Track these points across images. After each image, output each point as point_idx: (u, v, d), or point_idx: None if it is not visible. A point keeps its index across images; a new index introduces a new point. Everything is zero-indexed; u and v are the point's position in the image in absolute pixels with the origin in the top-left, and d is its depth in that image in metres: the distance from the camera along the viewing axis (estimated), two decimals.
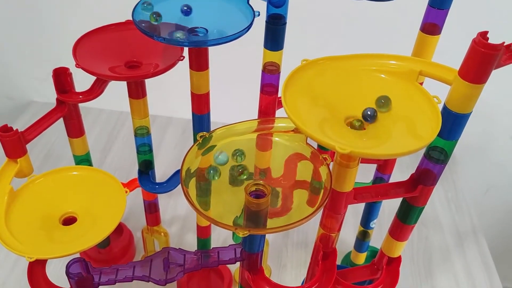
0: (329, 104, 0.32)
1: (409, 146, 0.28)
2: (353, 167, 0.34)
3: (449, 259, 0.69)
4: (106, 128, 0.89)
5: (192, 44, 0.40)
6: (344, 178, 0.35)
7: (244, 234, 0.29)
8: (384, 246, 0.44)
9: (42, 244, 0.40)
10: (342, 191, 0.36)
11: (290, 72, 0.33)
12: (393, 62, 0.34)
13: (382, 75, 0.34)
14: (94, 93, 0.47)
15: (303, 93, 0.32)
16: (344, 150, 0.27)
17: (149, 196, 0.57)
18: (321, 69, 0.34)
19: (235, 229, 0.30)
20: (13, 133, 0.42)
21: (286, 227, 0.30)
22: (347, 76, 0.34)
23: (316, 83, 0.33)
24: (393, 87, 0.33)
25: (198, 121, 0.47)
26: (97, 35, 0.48)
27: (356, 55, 0.34)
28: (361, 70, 0.34)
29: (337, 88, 0.33)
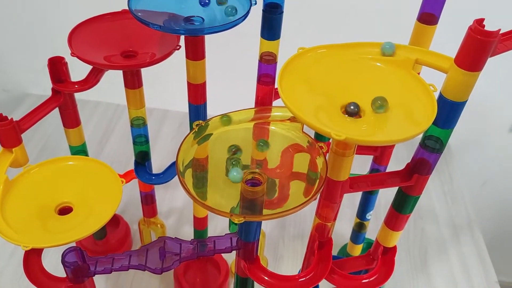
0: (325, 92, 0.32)
1: (405, 133, 0.28)
2: (349, 155, 0.34)
3: (444, 252, 0.69)
4: (102, 121, 0.89)
5: (188, 32, 0.39)
6: (340, 167, 0.35)
7: (239, 221, 0.29)
8: (379, 236, 0.44)
9: (37, 234, 0.40)
10: (337, 179, 0.36)
11: (286, 60, 0.33)
12: None
13: (378, 64, 0.34)
14: (90, 83, 0.47)
15: (300, 81, 0.32)
16: (340, 136, 0.27)
17: (146, 187, 0.57)
18: (317, 57, 0.34)
19: (230, 215, 0.30)
20: (8, 122, 0.42)
21: (281, 213, 0.30)
22: (343, 65, 0.34)
23: (312, 71, 0.33)
24: (389, 75, 0.33)
25: (195, 111, 0.47)
26: (93, 24, 0.47)
27: (352, 44, 0.34)
28: (357, 58, 0.34)
29: (333, 76, 0.33)
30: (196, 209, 0.57)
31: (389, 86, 0.32)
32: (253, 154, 0.40)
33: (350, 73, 0.33)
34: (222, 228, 0.71)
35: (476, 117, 0.83)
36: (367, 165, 0.56)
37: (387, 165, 0.54)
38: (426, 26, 0.41)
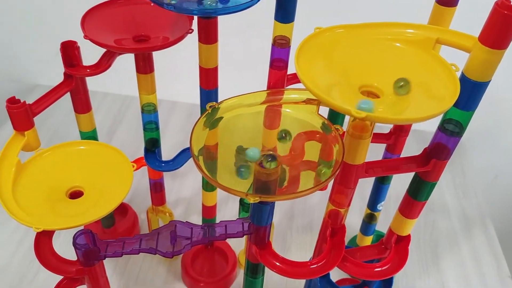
0: (343, 72, 0.32)
1: (428, 111, 0.27)
2: (366, 138, 0.33)
3: (456, 245, 0.68)
4: (111, 112, 0.88)
5: (201, 12, 0.39)
6: (356, 150, 0.34)
7: (255, 200, 0.29)
8: (393, 224, 0.43)
9: (48, 216, 0.40)
10: (353, 163, 0.35)
11: (304, 39, 0.32)
12: (409, 31, 0.33)
13: (398, 44, 0.33)
14: (102, 67, 0.46)
15: (317, 60, 0.32)
16: (360, 114, 0.26)
17: (155, 174, 0.57)
18: (335, 37, 0.33)
19: (246, 195, 0.29)
20: (21, 105, 0.42)
21: (297, 194, 0.29)
22: (362, 45, 0.33)
23: (330, 51, 0.32)
24: (409, 55, 0.32)
25: (206, 96, 0.47)
26: (105, 9, 0.47)
27: (371, 24, 0.33)
28: (376, 38, 0.33)
29: (351, 56, 0.32)
30: (205, 197, 0.57)
31: (408, 66, 0.32)
32: (264, 141, 0.40)
33: (368, 53, 0.33)
34: (230, 217, 0.70)
35: (489, 108, 0.81)
36: (379, 155, 0.55)
37: (400, 154, 0.53)
38: (445, 8, 0.40)
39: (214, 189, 0.55)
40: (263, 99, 0.39)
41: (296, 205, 0.73)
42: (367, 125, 0.33)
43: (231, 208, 0.72)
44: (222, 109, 0.38)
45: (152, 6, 0.48)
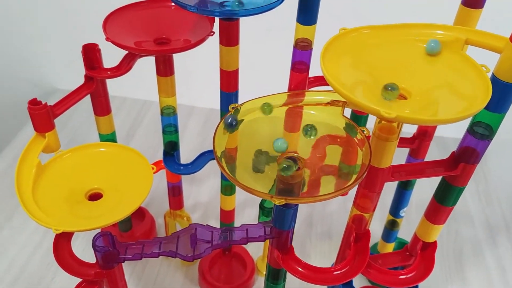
0: (369, 73, 0.31)
1: (458, 112, 0.26)
2: (393, 140, 0.32)
3: (480, 254, 0.67)
4: (130, 115, 0.89)
5: (224, 13, 0.38)
6: (382, 153, 0.33)
7: (280, 202, 0.28)
8: (418, 230, 0.42)
9: (68, 218, 0.40)
10: (379, 166, 0.34)
11: (329, 39, 0.31)
12: (438, 32, 0.32)
13: (422, 44, 0.32)
14: (123, 69, 0.46)
15: (342, 61, 0.31)
16: (390, 114, 0.25)
17: (173, 178, 0.57)
18: (361, 38, 0.32)
19: (270, 197, 0.28)
20: (42, 107, 0.42)
21: (322, 197, 0.28)
22: (389, 46, 0.32)
23: (356, 51, 0.32)
24: (437, 56, 0.31)
25: (226, 99, 0.46)
26: (127, 12, 0.47)
27: (398, 25, 0.32)
28: (403, 39, 0.32)
29: (378, 57, 0.32)
30: (224, 202, 0.56)
31: (437, 67, 0.31)
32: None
33: (395, 54, 0.32)
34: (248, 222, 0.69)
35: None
36: (402, 159, 0.54)
37: (424, 158, 0.52)
38: (471, 10, 0.39)
39: (232, 193, 0.55)
40: (285, 101, 0.38)
41: (315, 212, 0.72)
42: (394, 127, 0.32)
43: (249, 214, 0.71)
44: (243, 111, 0.38)
45: (173, 9, 0.48)
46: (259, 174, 0.35)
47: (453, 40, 0.31)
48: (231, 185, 0.54)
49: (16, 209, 0.68)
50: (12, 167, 0.75)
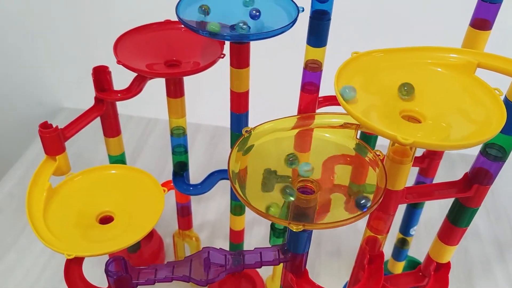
0: (383, 96, 0.31)
1: (476, 137, 0.27)
2: (407, 163, 0.33)
3: (490, 272, 0.66)
4: (135, 134, 0.89)
5: (235, 38, 0.39)
6: (396, 176, 0.33)
7: (298, 229, 0.28)
8: (432, 251, 0.42)
9: (79, 242, 0.40)
10: (393, 189, 0.34)
11: (342, 63, 0.32)
12: (450, 55, 0.32)
13: (438, 68, 0.32)
14: (133, 91, 0.46)
15: (356, 84, 0.31)
16: (407, 140, 0.26)
17: (182, 198, 0.56)
18: (374, 61, 0.33)
19: (288, 223, 0.28)
20: (53, 130, 0.42)
21: (342, 222, 0.28)
22: (401, 69, 0.32)
23: (369, 75, 0.32)
24: (450, 80, 0.32)
25: (236, 120, 0.46)
26: (136, 34, 0.48)
27: (410, 48, 0.33)
28: (416, 63, 0.33)
29: (391, 80, 0.32)
30: (233, 222, 0.56)
31: (450, 90, 0.31)
32: None
33: (408, 77, 0.32)
34: (256, 242, 0.69)
35: None
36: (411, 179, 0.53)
37: (433, 177, 0.51)
38: (479, 32, 0.39)
39: (242, 213, 0.55)
40: (297, 124, 0.38)
41: (323, 231, 0.71)
42: (408, 150, 0.32)
43: (257, 232, 0.71)
44: (254, 134, 0.38)
45: (183, 31, 0.48)
46: (269, 193, 0.35)
47: (465, 64, 0.32)
48: (240, 205, 0.54)
49: (23, 230, 0.68)
50: (18, 187, 0.75)
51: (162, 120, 0.92)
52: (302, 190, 0.33)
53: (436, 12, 0.71)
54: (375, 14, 0.75)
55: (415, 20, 0.73)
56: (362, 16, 0.74)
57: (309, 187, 0.33)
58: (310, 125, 0.38)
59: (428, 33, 0.70)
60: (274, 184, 0.37)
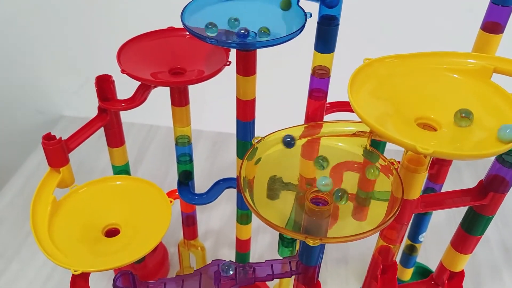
0: (397, 103, 0.30)
1: (496, 146, 0.26)
2: (422, 172, 0.32)
3: (499, 278, 0.65)
4: (136, 142, 0.88)
5: (242, 45, 0.38)
6: (411, 185, 0.32)
7: (315, 243, 0.27)
8: (445, 259, 0.41)
9: (85, 257, 0.39)
10: (408, 198, 0.33)
11: (354, 71, 0.31)
12: (465, 60, 0.32)
13: (453, 74, 0.31)
14: (137, 101, 0.46)
15: (370, 92, 0.30)
16: (427, 150, 0.25)
17: (188, 208, 0.55)
18: (387, 67, 0.32)
19: (305, 237, 0.27)
20: (57, 142, 0.41)
21: (360, 235, 0.27)
22: (415, 75, 0.32)
23: (382, 81, 0.31)
24: (466, 85, 0.31)
25: (243, 128, 0.46)
26: (139, 42, 0.47)
27: (424, 53, 0.32)
28: (430, 68, 0.32)
29: (405, 87, 0.31)
30: (239, 231, 0.55)
31: (466, 97, 0.30)
32: (302, 171, 0.38)
33: (423, 83, 0.31)
34: (261, 250, 0.68)
35: None
36: None
37: (443, 183, 0.51)
38: (490, 35, 0.39)
39: (249, 222, 0.54)
40: (308, 132, 0.38)
41: None
42: (423, 158, 0.32)
43: (262, 239, 0.70)
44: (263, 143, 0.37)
45: (187, 38, 0.48)
46: (277, 203, 0.34)
47: (481, 69, 0.31)
48: (247, 214, 0.53)
49: (25, 241, 0.67)
50: (19, 196, 0.74)
51: (164, 127, 0.91)
52: (315, 201, 0.33)
53: (445, 16, 0.71)
54: (383, 18, 0.74)
55: (424, 24, 0.73)
56: (369, 20, 0.74)
57: (322, 197, 0.32)
58: (321, 134, 0.38)
59: (437, 38, 0.70)
60: (280, 192, 0.36)
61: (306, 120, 0.47)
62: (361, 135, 0.35)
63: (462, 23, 0.55)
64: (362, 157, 0.37)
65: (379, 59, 0.32)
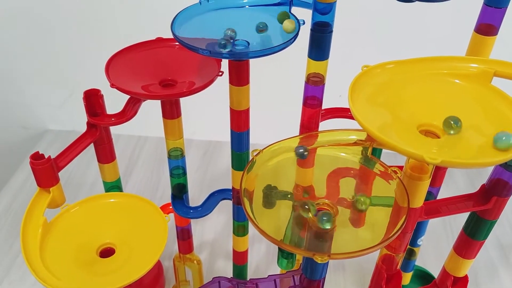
0: (398, 110, 0.30)
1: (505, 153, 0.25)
2: (425, 179, 0.31)
3: (496, 276, 0.65)
4: (124, 154, 0.86)
5: (234, 56, 0.37)
6: (415, 193, 0.32)
7: (323, 260, 0.26)
8: (448, 265, 0.40)
9: (80, 280, 0.37)
10: (411, 206, 0.33)
11: (354, 78, 0.30)
12: (464, 64, 0.31)
13: (453, 79, 0.31)
14: (127, 115, 0.44)
15: (370, 101, 0.30)
16: (435, 159, 0.24)
17: (182, 221, 0.54)
18: (386, 74, 0.31)
19: (313, 254, 0.27)
20: (46, 161, 0.39)
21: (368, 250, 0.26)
22: (415, 81, 0.31)
23: (382, 88, 0.31)
24: (466, 90, 0.30)
25: (237, 139, 0.45)
26: (127, 54, 0.46)
27: (423, 58, 0.32)
28: (429, 74, 0.31)
29: (405, 93, 0.31)
30: (236, 242, 0.54)
31: (467, 102, 0.30)
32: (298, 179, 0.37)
33: (422, 89, 0.31)
34: (258, 260, 0.67)
35: None
36: None
37: (440, 186, 0.50)
38: (484, 37, 0.39)
39: (245, 234, 0.53)
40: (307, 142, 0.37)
41: None
42: (426, 166, 0.31)
43: (258, 248, 0.69)
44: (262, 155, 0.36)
45: (177, 49, 0.47)
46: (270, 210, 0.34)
47: (481, 73, 0.31)
48: (244, 225, 0.52)
49: (14, 261, 0.65)
50: (6, 215, 0.72)
51: (152, 138, 0.90)
52: None
53: (437, 19, 0.70)
54: (374, 22, 0.73)
55: (417, 28, 0.72)
56: (361, 25, 0.73)
57: (326, 210, 0.32)
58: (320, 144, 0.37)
59: (431, 41, 0.69)
60: (276, 201, 0.35)
61: (301, 128, 0.46)
62: (362, 144, 0.34)
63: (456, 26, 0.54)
64: (359, 163, 0.37)
65: (378, 66, 0.31)
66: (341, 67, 0.47)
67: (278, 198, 0.35)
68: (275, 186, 0.36)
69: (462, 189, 0.78)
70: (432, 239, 0.68)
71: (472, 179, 0.80)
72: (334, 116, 0.47)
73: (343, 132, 0.36)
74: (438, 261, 0.66)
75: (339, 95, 0.72)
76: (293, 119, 0.48)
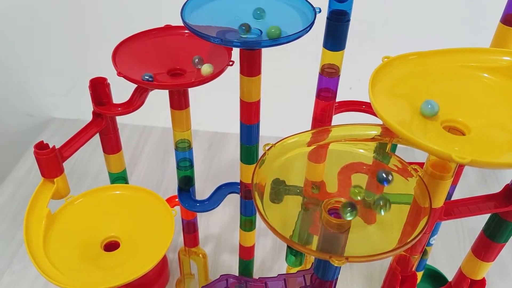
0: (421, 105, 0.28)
1: None
2: (448, 179, 0.30)
3: (507, 275, 0.64)
4: (129, 144, 0.85)
5: (247, 44, 0.35)
6: (436, 192, 0.30)
7: (340, 263, 0.25)
8: (465, 267, 0.39)
9: (84, 274, 0.36)
10: (432, 207, 0.31)
11: (374, 70, 0.28)
12: (491, 57, 0.29)
13: (481, 73, 0.29)
14: (134, 105, 0.43)
15: (391, 93, 0.28)
16: (464, 159, 0.22)
17: (188, 214, 0.53)
18: (408, 65, 0.29)
19: (329, 257, 0.25)
20: (50, 151, 0.38)
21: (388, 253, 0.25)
22: (438, 73, 0.29)
23: (404, 81, 0.29)
24: (493, 84, 0.29)
25: (247, 131, 0.43)
26: (135, 42, 0.44)
27: (447, 50, 0.30)
28: (453, 66, 0.30)
29: (428, 86, 0.29)
30: (243, 237, 0.53)
31: (496, 97, 0.28)
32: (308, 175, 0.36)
33: (447, 83, 0.29)
34: (264, 254, 0.66)
35: None
36: None
37: (456, 184, 0.49)
38: (511, 29, 0.37)
39: (253, 229, 0.51)
40: (321, 137, 0.35)
41: None
42: (448, 164, 0.29)
43: (264, 243, 0.68)
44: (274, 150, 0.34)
45: (186, 37, 0.45)
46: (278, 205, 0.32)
47: (510, 66, 0.29)
48: (251, 220, 0.51)
49: (17, 252, 0.64)
50: (9, 204, 0.71)
51: (158, 128, 0.88)
52: (333, 212, 0.30)
53: (461, 9, 0.68)
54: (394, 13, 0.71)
55: (438, 18, 0.70)
56: (379, 16, 0.71)
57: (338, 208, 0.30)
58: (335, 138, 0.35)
59: (454, 32, 0.67)
60: (283, 196, 0.34)
61: (314, 122, 0.44)
62: (381, 139, 0.33)
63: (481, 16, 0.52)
64: (372, 158, 0.35)
65: (400, 57, 0.30)
66: (350, 58, 0.44)
67: (288, 194, 0.34)
68: (283, 181, 0.35)
69: (473, 185, 0.77)
70: (442, 237, 0.66)
71: (484, 175, 0.79)
72: (348, 109, 0.46)
73: (360, 126, 0.34)
74: (448, 260, 0.65)
75: (349, 87, 0.70)
76: (304, 112, 0.46)
